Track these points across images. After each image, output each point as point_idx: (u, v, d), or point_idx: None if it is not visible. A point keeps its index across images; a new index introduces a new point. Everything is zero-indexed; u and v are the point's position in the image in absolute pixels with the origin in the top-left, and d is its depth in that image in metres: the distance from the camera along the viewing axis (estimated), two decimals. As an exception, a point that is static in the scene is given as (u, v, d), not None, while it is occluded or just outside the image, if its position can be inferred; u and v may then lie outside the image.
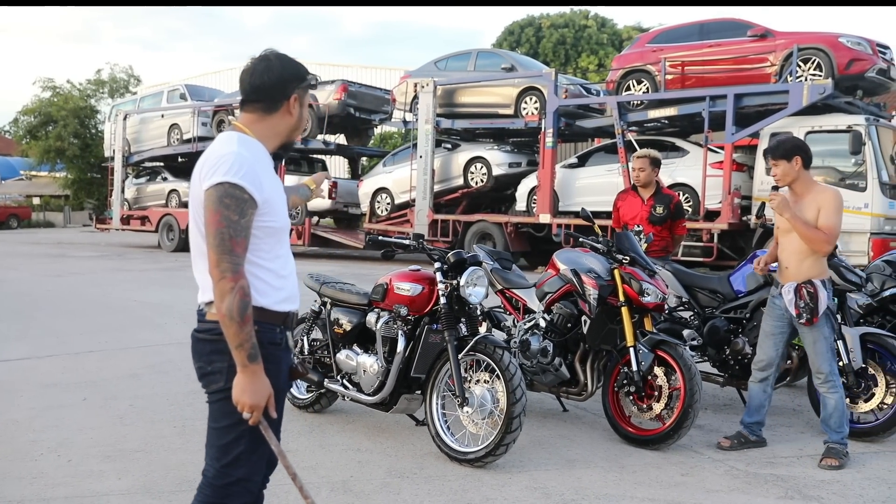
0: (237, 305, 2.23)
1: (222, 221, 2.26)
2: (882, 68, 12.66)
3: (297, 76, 2.48)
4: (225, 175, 2.27)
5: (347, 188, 19.19)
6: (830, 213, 4.51)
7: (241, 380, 2.27)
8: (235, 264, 2.26)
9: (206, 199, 2.29)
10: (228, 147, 2.34)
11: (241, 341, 2.25)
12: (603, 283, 4.97)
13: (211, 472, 2.42)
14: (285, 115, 2.49)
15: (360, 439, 4.89)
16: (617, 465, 4.47)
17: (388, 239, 4.81)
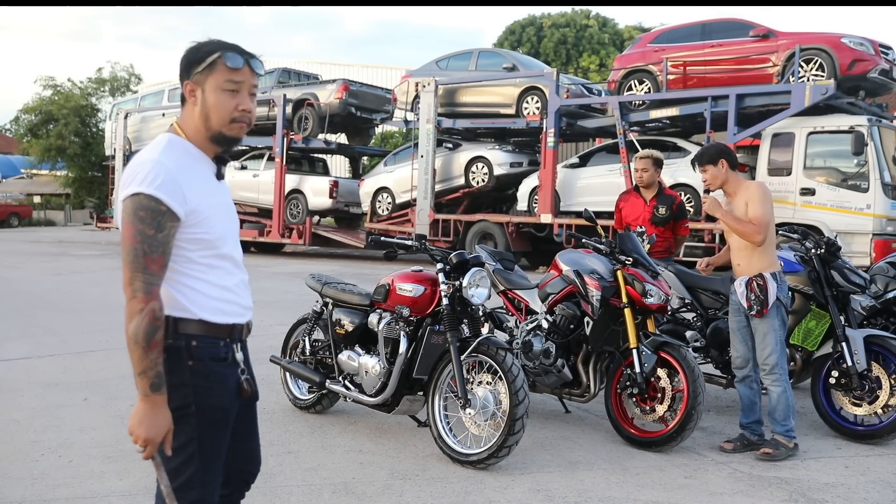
0: (144, 329, 2.07)
1: (136, 236, 2.09)
2: (884, 69, 12.63)
3: (195, 59, 2.22)
4: (139, 185, 2.11)
5: (348, 187, 19.19)
6: (757, 204, 4.69)
7: (140, 410, 2.11)
8: (148, 283, 2.09)
9: (122, 212, 2.13)
10: (150, 153, 2.18)
11: (144, 368, 2.09)
12: (606, 285, 4.96)
13: (165, 491, 2.20)
14: (191, 104, 2.26)
15: (362, 440, 4.87)
16: (620, 468, 4.45)
17: (391, 240, 4.80)
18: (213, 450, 2.27)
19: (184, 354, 2.20)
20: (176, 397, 2.17)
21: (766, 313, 4.65)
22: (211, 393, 2.23)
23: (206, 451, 2.25)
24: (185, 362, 2.20)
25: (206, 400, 2.22)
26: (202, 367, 2.21)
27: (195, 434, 2.21)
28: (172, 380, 2.17)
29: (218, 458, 2.29)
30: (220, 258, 2.27)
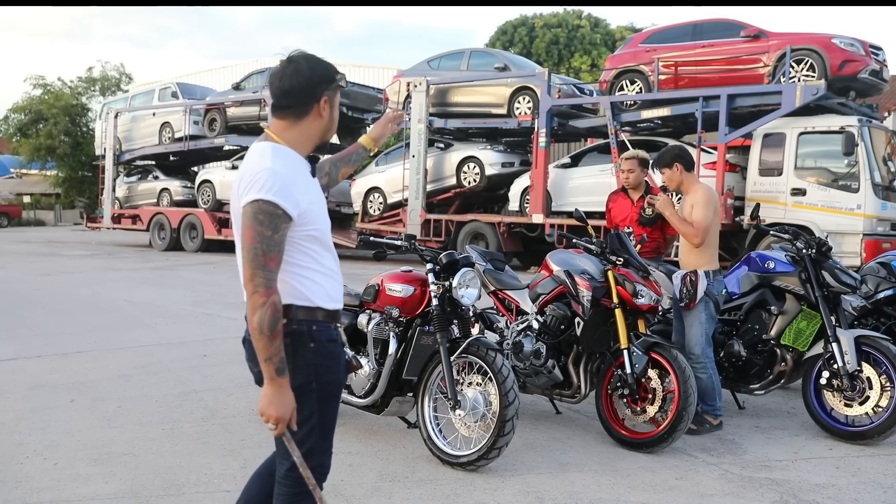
0: (268, 320, 2.28)
1: (256, 237, 2.31)
2: (875, 70, 12.66)
3: (326, 77, 2.48)
4: (259, 192, 2.32)
5: (340, 187, 19.08)
6: (699, 208, 5.10)
7: (268, 392, 2.33)
8: (268, 279, 2.31)
9: (243, 215, 2.36)
10: (262, 163, 2.38)
11: (270, 355, 2.30)
12: (596, 285, 4.93)
13: (286, 466, 2.51)
14: (316, 118, 2.49)
15: (351, 442, 4.83)
16: (611, 469, 4.43)
17: (380, 239, 4.75)
18: (330, 420, 2.56)
19: (306, 338, 2.44)
20: (299, 376, 2.41)
21: (693, 306, 5.03)
22: (329, 370, 2.50)
23: (325, 421, 2.53)
24: (308, 345, 2.44)
25: (325, 376, 2.49)
26: (321, 349, 2.47)
27: (316, 407, 2.48)
28: (297, 361, 2.41)
29: (332, 426, 2.58)
30: (327, 251, 2.53)
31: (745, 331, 5.38)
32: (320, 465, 2.55)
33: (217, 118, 20.75)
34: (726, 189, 12.98)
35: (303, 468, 2.44)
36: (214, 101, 21.16)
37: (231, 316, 9.59)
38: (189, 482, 4.10)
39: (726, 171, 13.03)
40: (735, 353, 5.34)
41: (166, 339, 8.00)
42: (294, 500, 2.54)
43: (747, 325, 5.39)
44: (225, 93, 21.82)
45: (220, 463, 4.39)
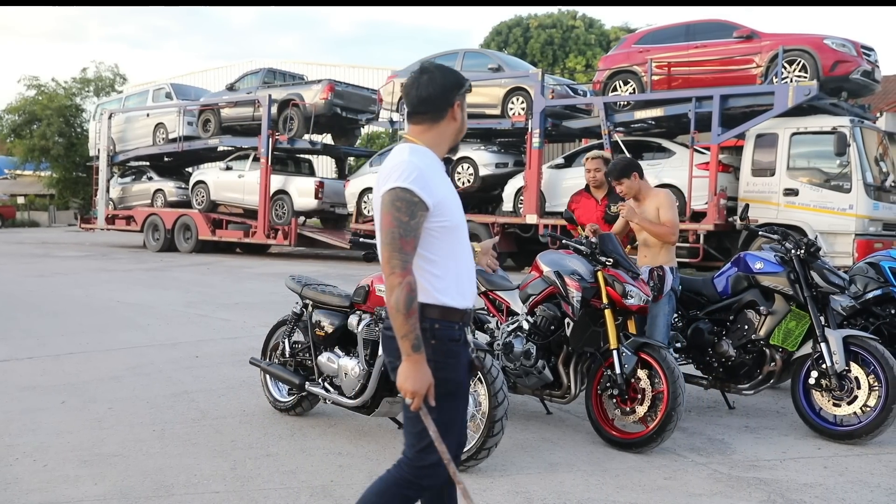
0: (404, 299, 2.43)
1: (393, 222, 2.48)
2: (866, 70, 12.71)
3: (457, 84, 2.68)
4: (396, 181, 2.50)
5: (334, 188, 19.14)
6: (667, 210, 5.45)
7: (405, 368, 2.48)
8: (404, 261, 2.47)
9: (381, 203, 2.53)
10: (401, 157, 2.58)
11: (406, 332, 2.45)
12: (586, 286, 4.95)
13: (409, 454, 2.64)
14: (450, 121, 2.68)
15: (341, 443, 4.84)
16: (600, 469, 4.44)
17: (370, 241, 4.75)
18: (449, 418, 2.62)
19: (427, 335, 2.54)
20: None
21: (660, 299, 5.32)
22: (447, 368, 2.58)
23: (443, 419, 2.59)
24: (429, 342, 2.54)
25: (442, 374, 2.56)
26: (441, 346, 2.57)
27: (444, 407, 2.57)
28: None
29: (454, 424, 2.67)
30: (461, 246, 2.66)
31: (735, 331, 5.40)
32: (438, 464, 2.61)
33: (211, 119, 20.75)
34: (719, 189, 13.02)
35: (438, 442, 2.53)
36: (208, 102, 21.15)
37: (224, 317, 9.59)
38: (178, 483, 4.10)
39: (719, 171, 13.07)
40: (724, 354, 5.36)
41: (159, 341, 8.00)
42: (403, 484, 2.64)
43: (736, 325, 5.41)
44: (219, 93, 21.80)
45: (210, 464, 4.39)
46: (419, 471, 2.62)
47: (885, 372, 4.81)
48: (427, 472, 2.62)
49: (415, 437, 2.61)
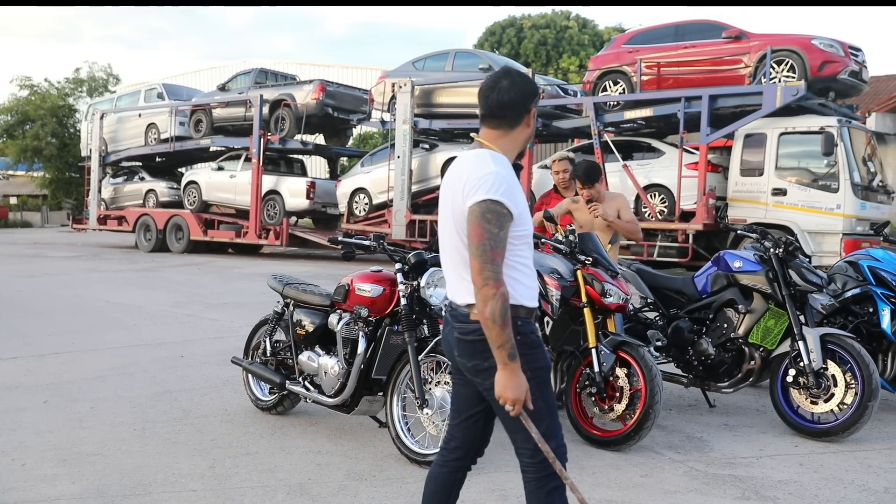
0: (500, 309, 2.48)
1: (484, 234, 2.51)
2: (854, 70, 12.75)
3: (534, 91, 2.74)
4: (487, 193, 2.53)
5: (325, 188, 19.15)
6: (627, 210, 5.90)
7: (504, 377, 2.53)
8: (496, 272, 2.51)
9: (470, 214, 2.56)
10: (487, 167, 2.59)
11: (502, 342, 2.50)
12: (565, 284, 4.97)
13: (528, 452, 2.70)
14: (524, 128, 2.74)
15: (321, 441, 4.86)
16: (577, 467, 4.46)
17: (349, 240, 4.77)
18: (551, 402, 2.72)
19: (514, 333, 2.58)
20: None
21: None
22: (537, 358, 2.69)
23: (549, 404, 2.71)
24: (515, 338, 2.57)
25: (535, 363, 2.66)
26: (527, 340, 2.65)
27: (538, 393, 2.65)
28: None
29: (555, 409, 2.74)
30: (531, 251, 2.73)
31: (714, 329, 5.43)
32: (560, 445, 2.72)
33: (203, 119, 20.73)
34: (708, 189, 13.06)
35: (541, 443, 2.62)
36: (200, 103, 21.13)
37: (212, 317, 9.60)
38: (156, 482, 4.11)
39: (708, 171, 13.11)
40: (704, 352, 5.39)
41: (145, 340, 8.00)
42: (542, 483, 2.70)
43: (716, 323, 5.44)
44: (211, 94, 21.79)
45: (189, 463, 4.41)
46: (546, 461, 2.67)
47: (861, 370, 4.84)
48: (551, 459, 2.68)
49: (526, 434, 2.66)
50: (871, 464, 4.60)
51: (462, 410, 2.95)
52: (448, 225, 2.71)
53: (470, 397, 2.89)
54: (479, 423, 2.94)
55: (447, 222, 2.72)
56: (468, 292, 2.62)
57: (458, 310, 2.73)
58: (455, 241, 2.67)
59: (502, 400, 2.55)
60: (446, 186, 2.73)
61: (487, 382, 2.66)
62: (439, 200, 2.82)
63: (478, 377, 2.70)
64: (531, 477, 2.72)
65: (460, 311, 2.72)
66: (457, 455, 2.98)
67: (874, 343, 5.62)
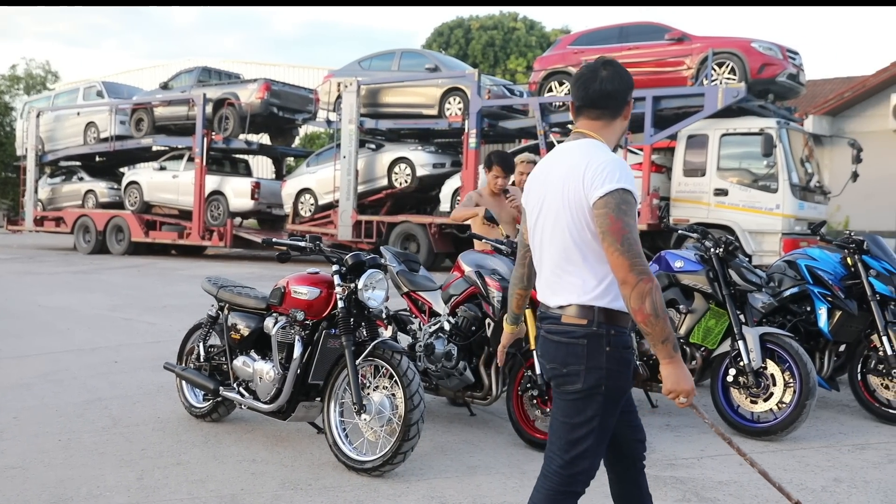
0: (659, 303, 2.36)
1: (625, 227, 2.38)
2: (792, 73, 13.00)
3: (633, 82, 2.66)
4: (618, 182, 2.41)
5: (271, 189, 18.89)
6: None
7: (672, 370, 2.42)
8: (645, 265, 2.39)
9: (602, 206, 2.41)
10: (605, 154, 2.49)
11: (666, 336, 2.39)
12: (507, 285, 4.89)
13: (557, 463, 2.59)
14: (622, 120, 2.64)
15: (256, 449, 4.70)
16: (518, 472, 4.39)
17: (283, 241, 4.63)
18: (608, 425, 2.59)
19: (603, 341, 2.49)
20: (590, 378, 2.49)
21: None
22: (619, 376, 2.53)
23: (605, 426, 2.57)
24: (604, 349, 2.49)
25: (614, 382, 2.52)
26: (615, 354, 2.51)
27: (600, 411, 2.52)
28: (590, 363, 2.48)
29: (609, 432, 2.62)
30: None
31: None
32: (590, 469, 2.61)
33: (144, 118, 20.28)
34: (652, 189, 13.17)
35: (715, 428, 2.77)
36: (141, 101, 20.67)
37: (150, 321, 9.33)
38: (79, 496, 3.92)
39: (652, 171, 13.22)
40: (646, 352, 5.37)
41: (77, 346, 7.73)
42: (559, 497, 2.61)
43: (658, 323, 5.42)
44: (152, 92, 21.32)
45: (115, 475, 4.22)
46: (570, 478, 2.59)
47: (799, 369, 4.88)
48: (577, 479, 2.60)
49: (567, 445, 2.56)
50: (809, 462, 4.63)
51: None
52: (552, 221, 2.55)
53: None
54: (623, 425, 2.76)
55: (550, 218, 2.56)
56: (570, 292, 2.51)
57: (549, 311, 2.60)
58: (564, 239, 2.52)
59: (674, 394, 2.45)
60: (548, 181, 2.59)
61: (559, 388, 2.57)
62: (530, 196, 2.68)
63: (553, 380, 2.60)
64: (551, 485, 2.61)
65: (551, 312, 2.58)
66: (625, 465, 2.84)
67: (811, 342, 5.67)
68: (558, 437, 2.59)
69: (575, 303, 2.51)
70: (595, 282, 2.50)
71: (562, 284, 2.55)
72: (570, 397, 2.54)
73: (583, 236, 2.48)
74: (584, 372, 2.48)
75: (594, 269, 2.50)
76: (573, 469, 2.57)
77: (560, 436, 2.59)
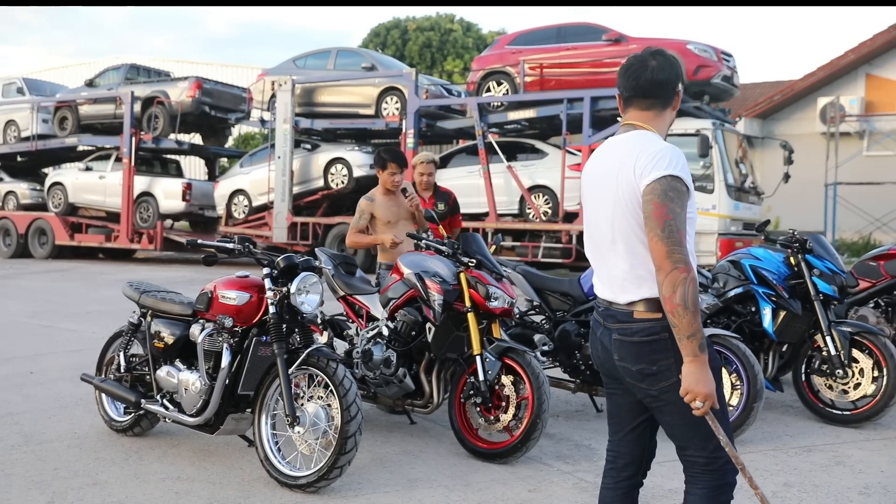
0: (692, 295, 2.30)
1: (669, 214, 2.33)
2: (726, 75, 13.11)
3: (682, 72, 2.35)
4: (667, 168, 2.37)
5: (203, 190, 18.33)
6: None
7: (695, 370, 2.32)
8: (685, 255, 2.33)
9: (649, 193, 2.37)
10: (658, 143, 2.45)
11: (694, 330, 2.30)
12: (448, 288, 4.68)
13: (701, 463, 2.49)
14: (671, 111, 2.61)
15: (182, 466, 4.39)
16: (462, 483, 4.19)
17: (209, 243, 4.33)
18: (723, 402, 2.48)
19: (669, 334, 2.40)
20: (676, 372, 2.39)
21: None
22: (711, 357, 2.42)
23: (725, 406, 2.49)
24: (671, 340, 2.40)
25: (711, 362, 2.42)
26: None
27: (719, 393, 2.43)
28: (678, 354, 2.37)
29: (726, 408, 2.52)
30: (693, 237, 2.52)
31: (601, 332, 5.27)
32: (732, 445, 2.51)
33: (69, 116, 19.47)
34: (591, 190, 13.11)
35: (729, 447, 2.42)
36: (65, 99, 19.85)
37: (71, 328, 8.85)
38: None
39: (591, 172, 13.15)
40: (588, 357, 5.22)
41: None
42: (716, 493, 2.51)
43: (603, 326, 5.28)
44: (77, 90, 20.53)
45: (23, 498, 3.87)
46: (720, 471, 2.49)
47: (746, 371, 4.79)
48: (727, 468, 2.49)
49: (702, 440, 2.47)
50: (759, 466, 4.53)
51: (625, 422, 2.71)
52: (609, 216, 2.49)
53: (633, 407, 2.66)
54: (646, 433, 2.71)
55: (607, 214, 2.50)
56: (638, 287, 2.44)
57: (617, 309, 2.51)
58: (626, 233, 2.45)
59: (691, 395, 2.32)
60: (601, 175, 2.54)
61: (654, 388, 2.47)
62: (585, 190, 2.64)
63: (643, 382, 2.48)
64: (703, 486, 2.51)
65: (619, 310, 2.50)
66: (628, 473, 2.74)
67: (756, 342, 5.60)
68: (688, 437, 2.50)
69: (647, 297, 2.44)
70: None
71: (629, 280, 2.48)
72: (672, 394, 2.44)
73: (642, 228, 2.44)
74: (674, 364, 2.41)
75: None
76: (720, 459, 2.48)
77: (690, 435, 2.49)
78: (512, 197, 14.10)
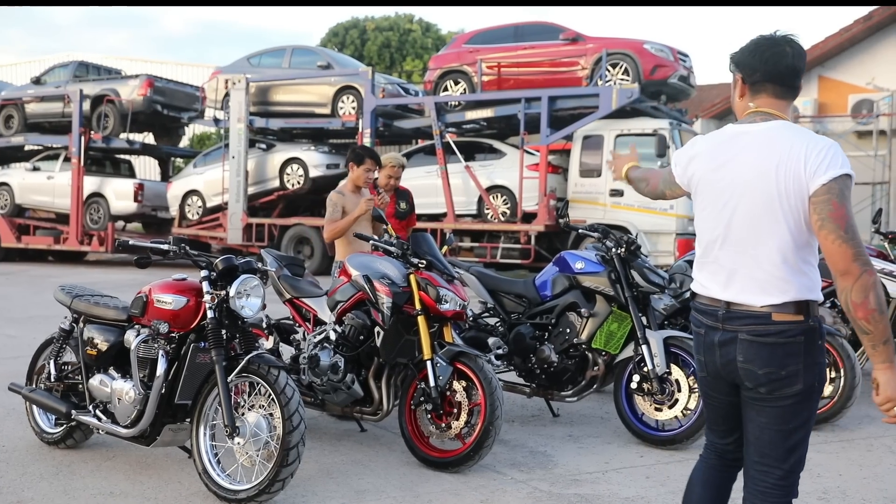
0: (882, 299, 2.21)
1: (848, 214, 2.25)
2: (683, 75, 13.13)
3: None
4: (841, 167, 2.27)
5: (156, 191, 17.92)
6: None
7: (892, 377, 2.21)
8: (868, 257, 2.25)
9: (827, 192, 2.26)
10: (820, 137, 2.33)
11: (888, 335, 2.20)
12: (397, 290, 4.50)
13: (776, 475, 2.43)
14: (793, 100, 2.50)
15: (116, 480, 4.15)
16: (411, 494, 4.00)
17: (142, 244, 4.09)
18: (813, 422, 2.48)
19: (817, 335, 2.37)
20: (809, 376, 2.36)
21: None
22: (825, 369, 2.45)
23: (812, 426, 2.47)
24: (818, 342, 2.37)
25: (825, 376, 2.46)
26: (824, 347, 2.41)
27: (814, 409, 2.44)
28: (809, 360, 2.34)
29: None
30: None
31: (557, 335, 5.14)
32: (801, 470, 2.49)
33: (14, 115, 18.92)
34: (549, 190, 13.05)
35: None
36: (11, 97, 19.28)
37: (10, 333, 8.49)
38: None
39: (549, 172, 13.10)
40: (546, 359, 5.08)
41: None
42: None
43: (558, 328, 5.15)
44: (24, 87, 19.95)
45: (-62, 519, 3.61)
46: (790, 487, 2.45)
47: (704, 373, 4.67)
48: (795, 484, 2.47)
49: (785, 454, 2.41)
50: (716, 471, 4.41)
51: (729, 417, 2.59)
52: (757, 212, 2.34)
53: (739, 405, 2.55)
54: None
55: (747, 211, 2.36)
56: (784, 289, 2.33)
57: (747, 310, 2.38)
58: (778, 231, 2.33)
59: (892, 402, 2.21)
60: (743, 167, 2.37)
61: (776, 394, 2.37)
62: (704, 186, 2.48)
63: (766, 386, 2.37)
64: (774, 500, 2.43)
65: (751, 311, 2.38)
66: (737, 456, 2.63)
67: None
68: (773, 447, 2.42)
69: (793, 299, 2.34)
70: (812, 275, 2.39)
71: (773, 282, 2.35)
72: (789, 401, 2.38)
73: (799, 227, 2.32)
74: (803, 371, 2.34)
75: (809, 261, 2.37)
76: (793, 477, 2.45)
77: (775, 446, 2.42)
78: (470, 197, 13.97)
